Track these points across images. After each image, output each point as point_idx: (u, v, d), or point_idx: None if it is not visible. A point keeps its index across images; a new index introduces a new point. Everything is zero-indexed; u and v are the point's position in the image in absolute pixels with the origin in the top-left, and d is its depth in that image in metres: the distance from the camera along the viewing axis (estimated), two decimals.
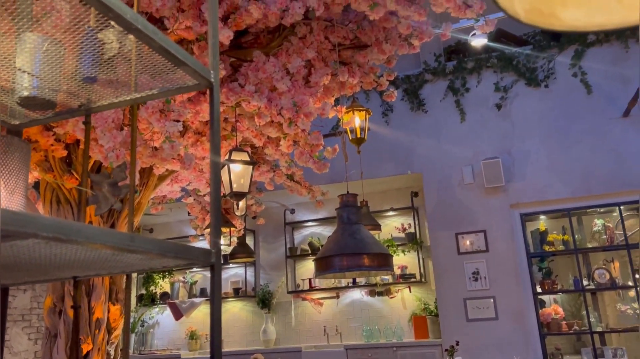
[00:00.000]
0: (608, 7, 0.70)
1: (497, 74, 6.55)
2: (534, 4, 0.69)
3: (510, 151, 6.27)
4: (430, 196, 6.50)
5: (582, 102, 6.12)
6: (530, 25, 0.70)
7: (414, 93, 6.79)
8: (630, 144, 5.80)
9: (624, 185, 5.74)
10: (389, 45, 3.31)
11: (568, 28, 0.71)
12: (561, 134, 6.11)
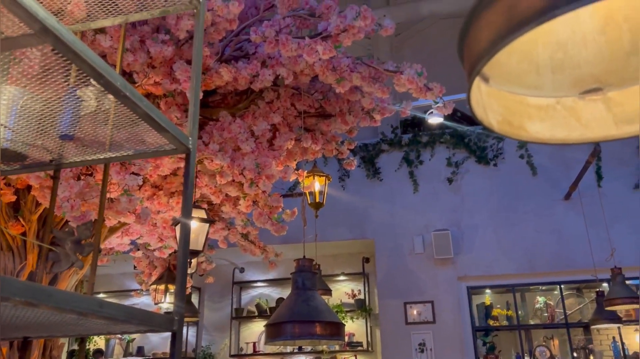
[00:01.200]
0: (568, 124, 0.78)
1: (450, 150, 6.85)
2: (505, 117, 0.76)
3: (460, 224, 6.46)
4: (381, 263, 6.55)
5: (527, 183, 6.44)
6: (502, 135, 0.77)
7: (370, 161, 6.98)
8: (570, 226, 6.10)
9: (565, 265, 5.99)
10: (352, 117, 3.43)
11: (534, 140, 0.79)
12: (508, 212, 6.37)
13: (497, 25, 0.58)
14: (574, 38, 0.74)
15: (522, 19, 0.55)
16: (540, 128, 0.78)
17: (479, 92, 0.73)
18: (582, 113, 0.78)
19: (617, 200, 6.07)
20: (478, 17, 0.61)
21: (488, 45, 0.59)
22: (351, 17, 2.76)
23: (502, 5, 0.57)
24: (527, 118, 0.78)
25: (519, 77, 0.76)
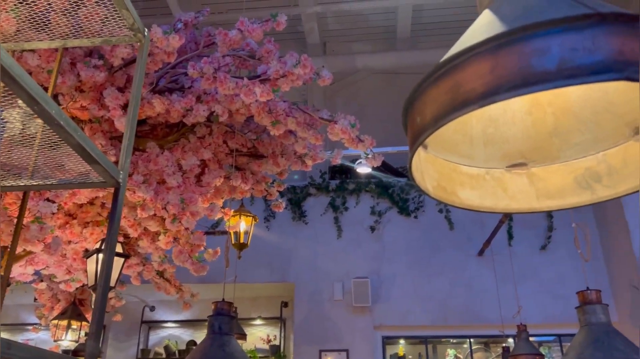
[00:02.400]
0: (496, 194, 0.83)
1: (374, 199, 7.03)
2: (440, 183, 0.80)
3: (379, 273, 6.57)
4: (300, 308, 6.48)
5: (444, 237, 6.70)
6: (436, 200, 0.81)
7: (297, 204, 7.00)
8: (482, 282, 6.37)
9: (475, 319, 6.21)
10: (284, 159, 3.45)
11: (465, 207, 0.83)
12: (425, 263, 6.56)
13: (441, 103, 0.61)
14: (504, 116, 0.80)
15: (465, 100, 0.58)
16: (471, 195, 0.83)
17: (418, 158, 0.77)
18: (509, 185, 0.83)
19: (525, 260, 6.44)
20: (424, 92, 0.65)
21: (432, 121, 0.62)
22: (291, 63, 2.82)
23: (447, 85, 0.61)
24: (459, 185, 0.82)
25: (455, 146, 0.81)
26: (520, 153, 0.81)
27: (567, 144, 0.79)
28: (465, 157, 0.82)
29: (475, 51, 0.59)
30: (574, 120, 0.77)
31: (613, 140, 0.75)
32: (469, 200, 0.83)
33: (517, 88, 0.55)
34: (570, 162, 0.80)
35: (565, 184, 0.80)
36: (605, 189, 0.77)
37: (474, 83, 0.58)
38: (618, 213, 5.89)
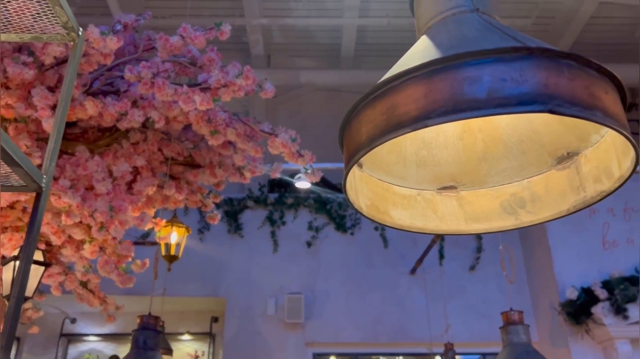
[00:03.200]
0: (426, 215, 0.85)
1: (312, 214, 7.04)
2: (373, 202, 0.81)
3: (314, 289, 6.56)
4: (230, 324, 6.35)
5: (379, 254, 6.81)
6: (369, 219, 0.81)
7: (233, 216, 6.90)
8: (413, 300, 6.51)
9: (405, 337, 6.31)
10: (222, 171, 3.39)
11: (396, 226, 0.84)
12: (359, 280, 6.62)
13: (376, 124, 0.62)
14: (437, 139, 0.82)
15: (399, 122, 0.60)
16: (403, 215, 0.84)
17: (353, 177, 0.77)
18: (439, 207, 0.85)
19: (454, 279, 6.64)
20: (361, 112, 0.66)
21: (366, 140, 0.63)
22: (233, 74, 2.79)
23: (382, 106, 0.62)
24: (392, 205, 0.83)
25: (389, 167, 0.82)
26: (451, 177, 0.83)
27: (494, 170, 0.82)
28: (398, 178, 0.84)
29: (411, 75, 0.61)
30: (502, 148, 0.80)
31: (537, 168, 0.79)
32: (401, 220, 0.84)
33: (449, 114, 0.57)
34: (497, 187, 0.83)
35: (491, 208, 0.83)
36: (528, 215, 0.80)
37: (408, 106, 0.60)
38: (542, 238, 6.20)
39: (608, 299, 5.36)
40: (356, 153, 0.65)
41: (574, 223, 6.10)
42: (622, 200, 6.19)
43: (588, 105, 0.56)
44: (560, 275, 5.87)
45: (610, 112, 0.57)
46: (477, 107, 0.56)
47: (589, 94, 0.56)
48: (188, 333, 6.85)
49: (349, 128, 0.68)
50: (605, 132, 0.68)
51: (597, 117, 0.56)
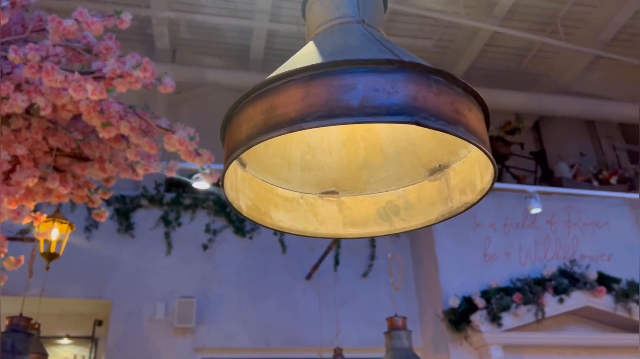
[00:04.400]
0: (307, 218, 0.86)
1: (210, 216, 6.89)
2: (255, 202, 0.81)
3: (207, 293, 6.41)
4: (115, 328, 6.02)
5: (276, 260, 6.81)
6: (248, 219, 0.81)
7: (125, 214, 6.57)
8: (307, 305, 6.58)
9: (297, 343, 6.36)
10: (112, 166, 3.22)
11: (277, 228, 0.84)
12: (255, 285, 6.58)
13: (255, 122, 0.62)
14: (322, 144, 0.84)
15: (277, 123, 0.60)
16: (284, 217, 0.84)
17: (234, 176, 0.77)
18: (320, 211, 0.87)
19: (348, 285, 6.82)
20: (242, 109, 0.65)
21: (246, 139, 0.63)
22: (131, 64, 2.67)
23: (262, 106, 0.62)
24: (273, 206, 0.83)
25: (273, 168, 0.82)
26: (333, 182, 0.86)
27: (374, 178, 0.85)
28: (282, 180, 0.85)
29: (292, 77, 0.62)
30: (381, 157, 0.83)
31: (411, 178, 0.83)
32: (281, 221, 0.84)
33: (324, 119, 0.58)
34: (375, 195, 0.87)
35: (368, 214, 0.86)
36: (401, 222, 0.84)
37: (286, 108, 0.60)
38: (430, 249, 6.56)
39: (485, 308, 5.78)
40: (235, 150, 0.64)
41: (460, 236, 6.52)
42: (502, 217, 6.72)
43: (452, 120, 0.60)
44: (445, 284, 6.23)
45: (472, 128, 0.62)
46: (350, 114, 0.58)
47: (454, 110, 0.61)
48: (68, 337, 6.39)
49: (230, 126, 0.68)
50: (472, 148, 0.74)
51: (460, 131, 0.60)
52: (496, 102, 7.98)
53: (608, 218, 6.89)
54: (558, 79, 8.23)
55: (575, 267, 6.17)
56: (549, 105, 8.12)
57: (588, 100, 8.28)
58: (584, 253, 6.56)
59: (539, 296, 5.78)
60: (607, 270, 6.27)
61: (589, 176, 7.64)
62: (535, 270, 6.29)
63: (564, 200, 6.81)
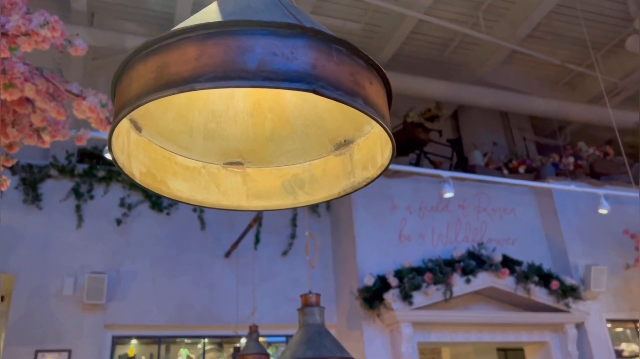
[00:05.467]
0: (208, 189, 0.83)
1: (126, 190, 6.62)
2: (150, 169, 0.76)
3: (119, 269, 6.18)
4: (18, 303, 5.66)
5: (195, 236, 6.68)
6: (141, 186, 0.77)
7: (32, 185, 6.16)
8: (225, 283, 6.52)
9: (212, 320, 6.30)
10: (16, 131, 2.99)
11: (173, 197, 0.81)
12: (171, 262, 6.42)
13: (146, 81, 0.58)
14: (227, 113, 0.81)
15: (168, 82, 0.57)
16: (182, 187, 0.81)
17: (127, 140, 0.72)
18: (222, 182, 0.84)
19: (267, 264, 6.82)
20: (132, 66, 0.61)
21: (135, 97, 0.58)
22: (37, 22, 2.47)
23: (154, 63, 0.59)
24: (172, 175, 0.80)
25: (173, 134, 0.78)
26: (238, 153, 0.83)
27: (280, 150, 0.84)
28: (183, 148, 0.81)
29: (186, 35, 0.58)
30: (288, 129, 0.82)
31: (318, 152, 0.83)
32: (179, 191, 0.81)
33: (218, 80, 0.56)
34: (280, 167, 0.85)
35: (273, 187, 0.85)
36: (305, 195, 0.84)
37: (179, 67, 0.57)
38: (349, 230, 6.69)
39: (398, 287, 6.01)
40: (123, 109, 0.60)
41: (378, 218, 6.71)
42: (418, 200, 6.97)
43: (351, 91, 0.59)
44: (362, 264, 6.40)
45: (372, 102, 0.61)
46: (246, 77, 0.56)
47: (353, 81, 0.60)
48: None
49: (120, 84, 0.63)
50: (375, 124, 0.74)
51: (358, 103, 0.60)
52: (419, 90, 8.22)
53: (515, 205, 7.35)
54: (477, 70, 8.59)
55: (482, 250, 6.54)
56: (467, 95, 8.48)
57: (503, 93, 8.73)
58: (491, 236, 6.97)
59: (448, 277, 6.09)
60: (511, 253, 6.71)
61: (500, 165, 8.09)
62: (446, 252, 6.61)
63: (476, 186, 7.17)
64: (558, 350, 6.51)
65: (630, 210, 7.02)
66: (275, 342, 6.99)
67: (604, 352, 6.59)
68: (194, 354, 6.49)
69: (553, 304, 6.44)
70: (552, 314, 6.46)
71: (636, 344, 7.10)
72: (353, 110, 0.63)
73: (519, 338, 6.52)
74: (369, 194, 6.79)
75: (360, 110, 0.59)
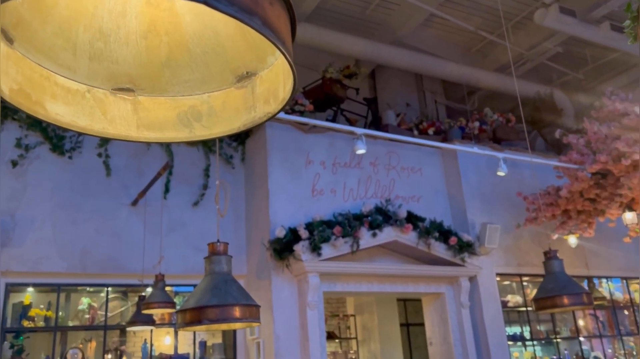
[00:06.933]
0: (93, 115, 0.76)
1: (23, 130, 6.12)
2: (23, 87, 0.68)
3: (15, 214, 5.77)
4: None
5: (100, 183, 6.35)
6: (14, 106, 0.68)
7: None
8: (131, 231, 6.30)
9: (117, 268, 6.11)
10: None
11: (52, 121, 0.73)
12: (73, 209, 6.08)
13: None
14: (117, 33, 0.73)
15: None
16: (63, 111, 0.74)
17: None
18: (110, 109, 0.78)
19: (177, 213, 6.66)
20: None
21: None
22: None
23: None
24: (50, 97, 0.72)
25: (53, 51, 0.70)
26: (129, 78, 0.76)
27: (177, 79, 0.78)
28: (65, 68, 0.73)
29: None
30: (187, 56, 0.76)
31: (218, 84, 0.78)
32: (59, 115, 0.73)
33: None
34: (177, 98, 0.80)
35: (167, 118, 0.80)
36: (202, 129, 0.79)
37: None
38: (263, 182, 6.66)
39: (308, 239, 6.13)
40: None
41: (293, 172, 6.73)
42: (332, 156, 7.06)
43: (248, 9, 0.55)
44: (274, 216, 6.43)
45: (271, 24, 0.58)
46: None
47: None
48: None
49: None
50: (279, 55, 0.70)
51: (255, 23, 0.56)
52: (339, 46, 8.20)
53: (422, 164, 7.67)
54: (397, 31, 8.69)
55: (389, 206, 6.80)
56: (385, 54, 8.59)
57: (419, 55, 8.93)
58: (399, 194, 7.26)
59: (356, 230, 6.29)
60: (416, 210, 7.04)
61: (412, 125, 8.36)
62: (355, 207, 6.80)
63: (388, 145, 7.38)
64: (452, 300, 7.01)
65: (525, 174, 7.58)
66: (184, 292, 6.93)
67: (492, 302, 7.20)
68: (96, 303, 6.29)
69: (450, 258, 6.89)
70: (448, 268, 6.92)
71: (520, 296, 7.83)
72: (256, 40, 0.60)
73: (418, 289, 6.94)
74: (285, 148, 6.78)
75: (258, 31, 0.55)
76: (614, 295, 8.71)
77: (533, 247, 7.59)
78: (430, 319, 7.27)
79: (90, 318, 6.13)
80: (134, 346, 6.73)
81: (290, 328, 6.09)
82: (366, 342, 9.08)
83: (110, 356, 6.21)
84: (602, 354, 8.18)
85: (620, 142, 5.68)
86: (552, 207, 6.82)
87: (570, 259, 7.55)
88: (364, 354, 9.15)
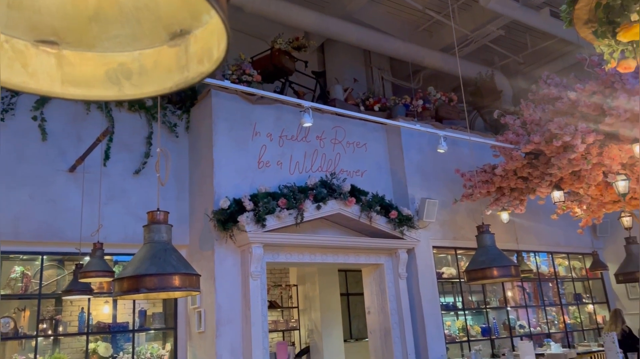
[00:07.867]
0: (12, 67, 0.73)
1: None
2: None
3: None
4: None
5: (34, 147, 6.06)
6: None
7: None
8: (68, 198, 6.09)
9: (52, 236, 5.90)
10: None
11: None
12: (4, 174, 5.79)
13: None
14: None
15: None
16: None
17: None
18: (31, 62, 0.75)
19: (117, 181, 6.48)
20: None
21: None
22: None
23: None
24: None
25: None
26: (53, 30, 0.74)
27: (106, 34, 0.76)
28: None
29: None
30: (117, 11, 0.74)
31: (150, 41, 0.77)
32: None
33: None
34: (106, 54, 0.78)
35: (95, 75, 0.78)
36: (132, 88, 0.78)
37: None
38: (208, 153, 6.56)
39: (253, 210, 6.12)
40: None
41: (239, 143, 6.66)
42: (280, 128, 7.03)
43: None
44: (218, 187, 6.37)
45: None
46: None
47: None
48: None
49: None
50: (214, 14, 0.69)
51: None
52: (289, 17, 8.09)
53: (367, 140, 7.78)
54: (347, 5, 8.65)
55: (334, 179, 6.88)
56: (335, 28, 8.55)
57: (369, 31, 8.95)
58: (343, 168, 7.35)
59: (300, 203, 6.34)
60: (359, 184, 7.17)
61: (358, 101, 8.42)
62: (301, 179, 6.84)
63: (334, 119, 7.42)
64: (390, 271, 7.24)
65: (464, 152, 7.84)
66: (123, 261, 6.79)
67: (428, 274, 7.49)
68: (30, 271, 6.07)
69: (390, 231, 7.09)
70: (388, 240, 7.12)
71: (454, 268, 8.18)
72: None
73: (358, 260, 7.11)
74: (231, 118, 6.68)
75: None
76: (540, 268, 9.26)
77: (468, 222, 7.92)
78: (369, 289, 7.49)
79: (24, 286, 5.92)
80: (71, 315, 6.57)
81: (232, 298, 6.11)
82: (307, 311, 9.26)
83: (45, 326, 6.04)
84: (526, 323, 8.73)
85: (553, 124, 5.97)
86: (487, 184, 7.11)
87: (502, 234, 7.95)
88: (305, 323, 9.34)
